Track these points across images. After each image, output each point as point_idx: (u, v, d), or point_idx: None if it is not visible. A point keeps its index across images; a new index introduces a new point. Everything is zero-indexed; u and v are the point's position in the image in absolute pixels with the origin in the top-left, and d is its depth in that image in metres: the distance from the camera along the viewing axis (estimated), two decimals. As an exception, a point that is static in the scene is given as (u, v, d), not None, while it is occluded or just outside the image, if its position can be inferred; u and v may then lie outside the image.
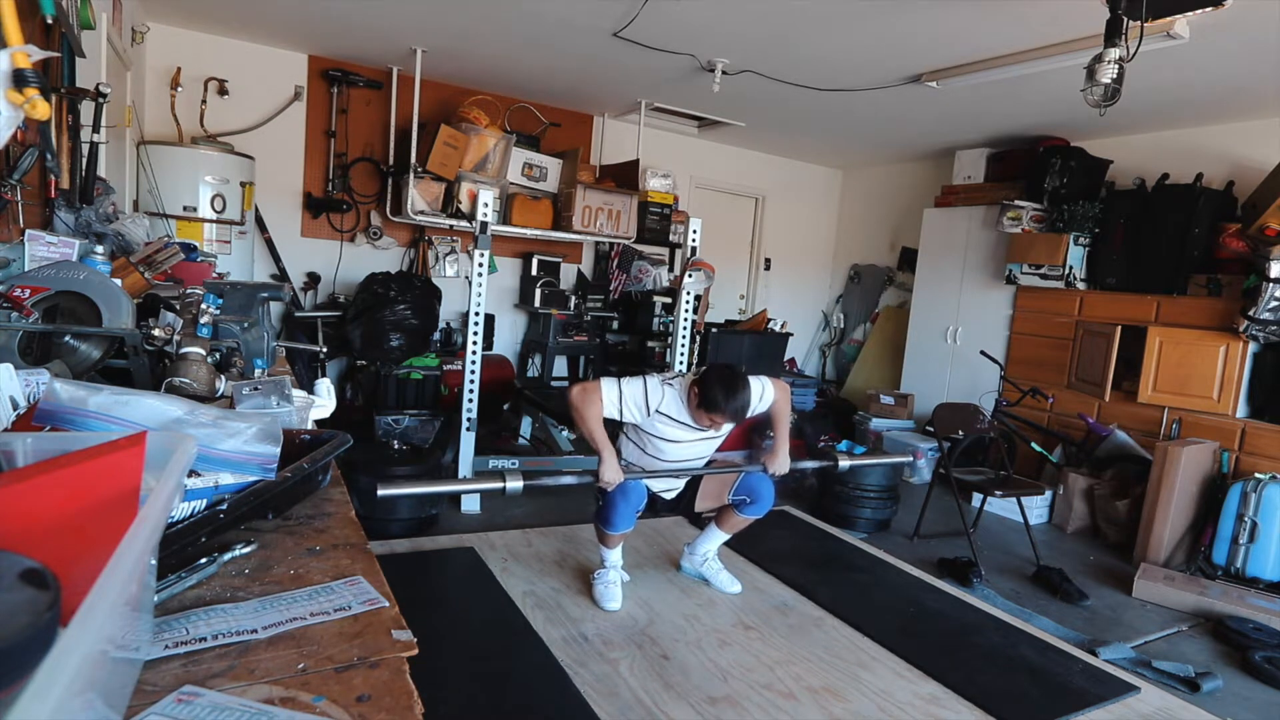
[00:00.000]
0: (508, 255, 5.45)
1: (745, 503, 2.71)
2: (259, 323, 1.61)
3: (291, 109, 4.70)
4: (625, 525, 2.59)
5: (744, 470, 2.72)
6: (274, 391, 1.19)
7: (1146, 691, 2.41)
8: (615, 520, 2.57)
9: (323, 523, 0.96)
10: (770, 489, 2.69)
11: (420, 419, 4.55)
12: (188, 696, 0.59)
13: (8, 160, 1.77)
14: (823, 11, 3.29)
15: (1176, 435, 4.15)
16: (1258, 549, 3.49)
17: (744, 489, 2.69)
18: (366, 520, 1.69)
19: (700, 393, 2.43)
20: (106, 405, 0.86)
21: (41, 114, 1.13)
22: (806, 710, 2.15)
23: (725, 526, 2.82)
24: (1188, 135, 4.59)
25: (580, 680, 2.19)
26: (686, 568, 2.97)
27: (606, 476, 2.46)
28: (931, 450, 4.97)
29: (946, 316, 5.58)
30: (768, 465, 2.66)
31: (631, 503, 2.55)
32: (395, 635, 0.71)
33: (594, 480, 2.49)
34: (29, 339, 1.34)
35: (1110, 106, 2.77)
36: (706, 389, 2.41)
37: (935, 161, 6.16)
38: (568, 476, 2.58)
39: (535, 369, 5.42)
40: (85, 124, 2.38)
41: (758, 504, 2.69)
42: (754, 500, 2.69)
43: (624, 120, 5.69)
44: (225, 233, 4.07)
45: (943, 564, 3.54)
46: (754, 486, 2.67)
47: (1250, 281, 3.78)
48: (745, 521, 2.76)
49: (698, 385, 2.45)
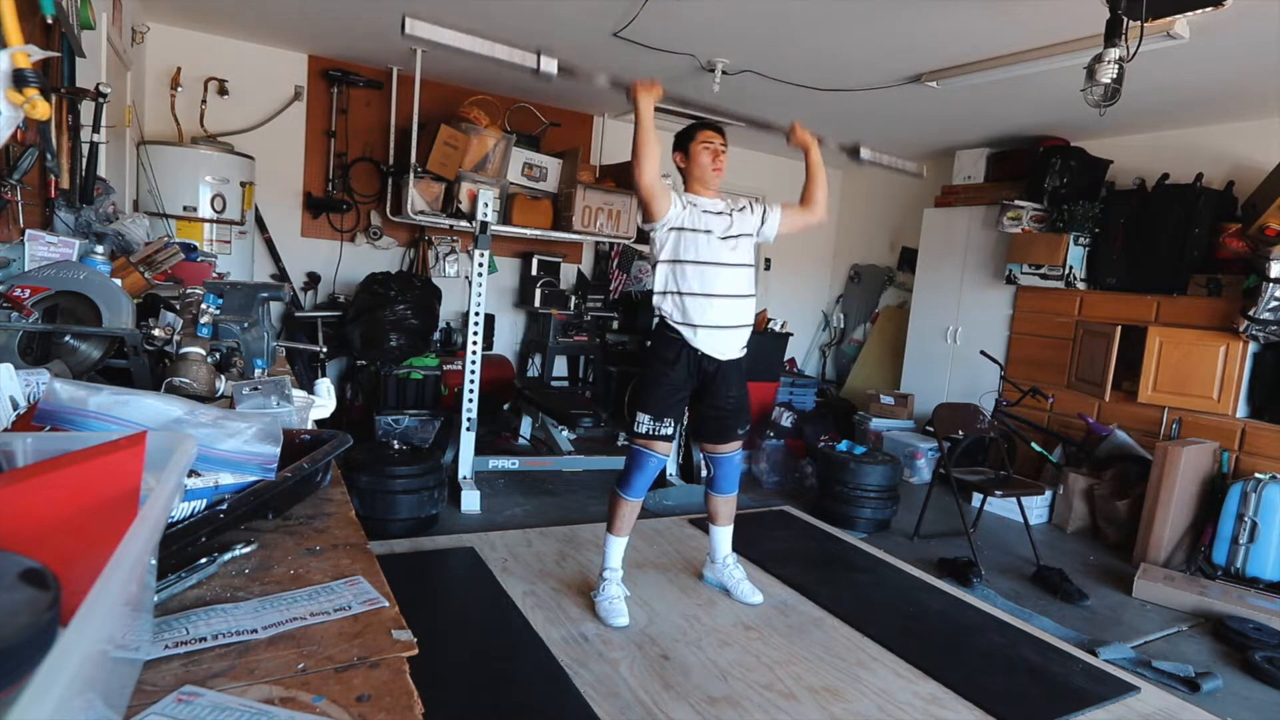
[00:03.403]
0: (508, 255, 5.45)
1: (710, 479, 2.79)
2: (259, 323, 1.61)
3: (291, 109, 4.70)
4: (642, 492, 2.64)
5: (769, 124, 2.80)
6: (274, 391, 1.19)
7: (1146, 691, 2.42)
8: (635, 483, 2.61)
9: (323, 523, 0.96)
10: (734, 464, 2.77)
11: (420, 419, 4.56)
12: (188, 696, 0.59)
13: (8, 160, 1.77)
14: (823, 11, 3.29)
15: (1176, 435, 4.15)
16: (1258, 549, 3.49)
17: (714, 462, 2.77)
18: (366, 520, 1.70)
19: (683, 134, 2.60)
20: (106, 405, 0.85)
21: (41, 114, 1.13)
22: (806, 710, 2.15)
23: (717, 519, 2.85)
24: (1188, 135, 4.59)
25: (580, 680, 2.20)
26: (709, 577, 2.97)
27: (642, 85, 2.45)
28: (931, 450, 4.97)
29: (946, 316, 5.58)
30: (794, 131, 2.70)
31: (652, 470, 2.62)
32: (395, 635, 0.71)
33: (627, 96, 2.48)
34: (29, 339, 1.34)
35: (1110, 106, 2.77)
36: (682, 134, 2.61)
37: (935, 161, 6.15)
38: (601, 76, 2.54)
39: (535, 369, 5.42)
40: (85, 124, 2.37)
41: (719, 478, 2.77)
42: (716, 474, 2.77)
43: (624, 120, 5.68)
44: (225, 233, 4.07)
45: (943, 564, 3.54)
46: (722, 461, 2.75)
47: (1250, 281, 3.78)
48: (723, 501, 2.81)
49: (678, 149, 2.62)
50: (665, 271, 2.58)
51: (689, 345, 2.56)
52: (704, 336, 2.55)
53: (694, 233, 2.53)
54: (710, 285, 2.53)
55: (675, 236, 2.55)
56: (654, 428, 2.58)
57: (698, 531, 3.54)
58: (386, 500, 3.24)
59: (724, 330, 2.57)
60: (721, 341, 2.58)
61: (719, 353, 2.58)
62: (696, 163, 2.57)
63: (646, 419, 2.58)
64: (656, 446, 2.60)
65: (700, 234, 2.53)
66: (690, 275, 2.53)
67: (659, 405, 2.58)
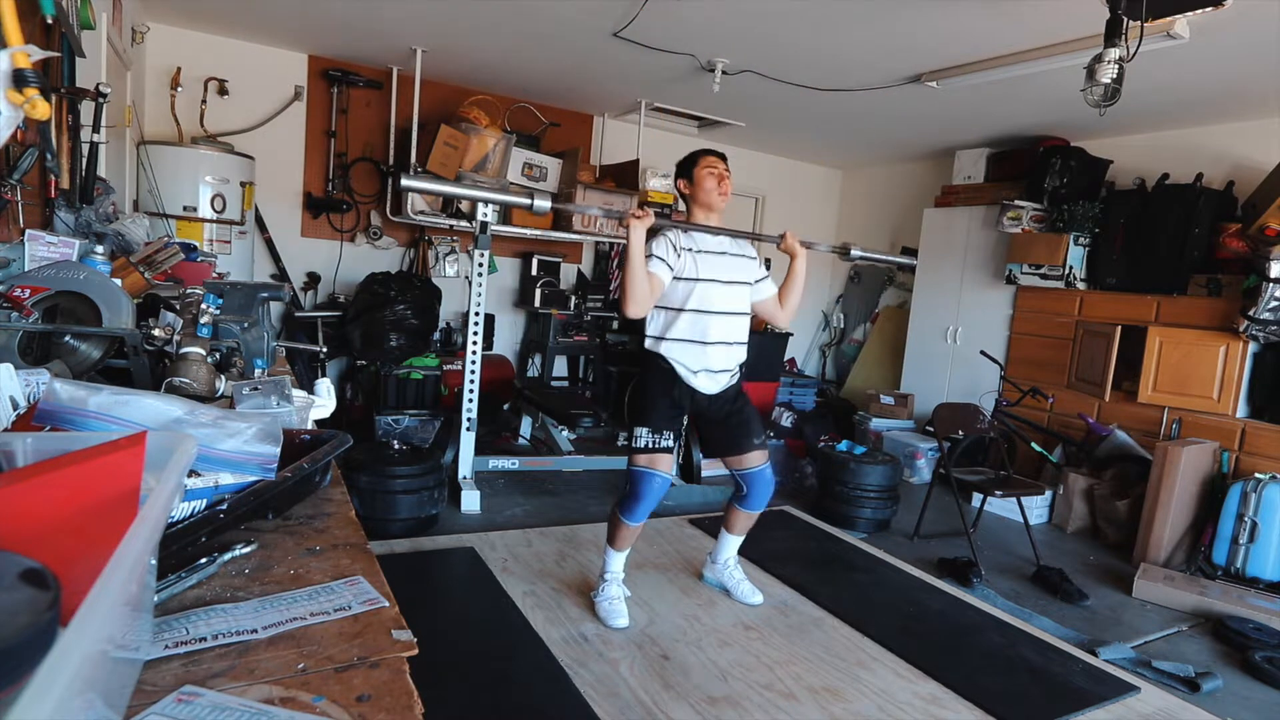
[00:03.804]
0: (508, 255, 5.45)
1: (742, 495, 2.71)
2: (259, 323, 1.61)
3: (291, 109, 4.70)
4: (644, 517, 2.59)
5: (759, 237, 2.83)
6: (274, 391, 1.19)
7: (1146, 691, 2.42)
8: (638, 510, 2.54)
9: (323, 523, 0.96)
10: (766, 480, 2.68)
11: (420, 419, 4.56)
12: (188, 696, 0.59)
13: (8, 160, 1.77)
14: (823, 11, 3.29)
15: (1176, 435, 4.15)
16: (1258, 549, 3.49)
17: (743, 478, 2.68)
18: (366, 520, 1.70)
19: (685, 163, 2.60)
20: (106, 405, 0.85)
21: (41, 114, 1.13)
22: (806, 710, 2.15)
23: (734, 529, 2.81)
24: (1188, 135, 4.59)
25: (580, 680, 2.20)
26: (709, 577, 2.96)
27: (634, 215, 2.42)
28: (931, 450, 4.97)
29: (946, 316, 5.58)
30: (785, 238, 2.69)
31: (656, 492, 2.54)
32: (395, 635, 0.71)
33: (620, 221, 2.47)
34: (29, 339, 1.34)
35: (1110, 106, 2.77)
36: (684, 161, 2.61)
37: (935, 161, 6.16)
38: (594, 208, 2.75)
39: (535, 369, 5.42)
40: (85, 124, 2.38)
41: (751, 496, 2.69)
42: (748, 491, 2.69)
43: (624, 120, 5.69)
44: (225, 233, 4.07)
45: (943, 564, 3.54)
46: (752, 478, 2.67)
47: (1250, 281, 3.78)
48: (747, 517, 2.75)
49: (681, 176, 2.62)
50: (660, 317, 2.56)
51: (680, 380, 2.55)
52: (698, 379, 2.56)
53: (692, 281, 2.51)
54: (706, 333, 2.53)
55: (672, 284, 2.53)
56: (653, 440, 2.54)
57: (698, 531, 3.54)
58: (386, 500, 3.24)
59: (717, 374, 2.58)
60: (715, 383, 2.59)
61: (712, 390, 2.59)
62: (701, 187, 2.54)
63: (645, 432, 2.55)
64: (659, 463, 2.53)
65: (699, 282, 2.51)
66: (685, 321, 2.52)
67: (657, 419, 2.55)
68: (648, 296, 2.42)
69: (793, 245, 2.67)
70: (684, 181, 2.60)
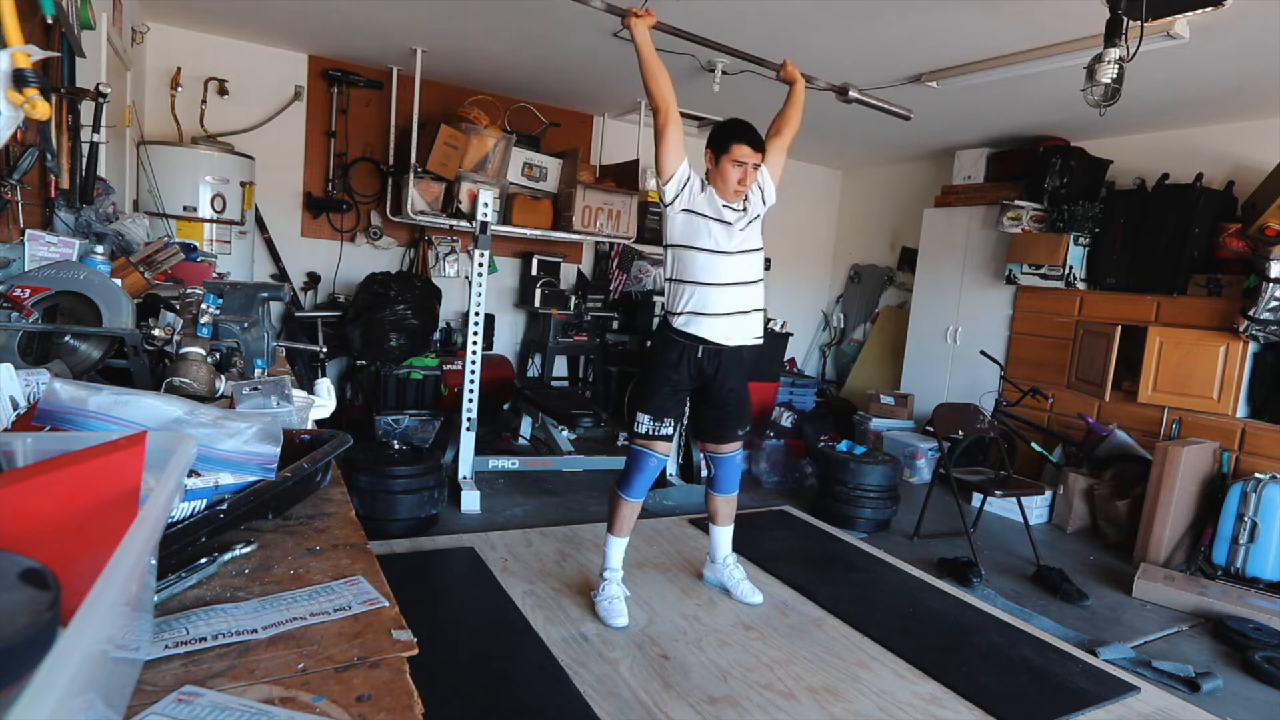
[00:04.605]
0: (508, 255, 5.45)
1: (711, 479, 2.81)
2: (259, 323, 1.61)
3: (291, 109, 4.70)
4: (642, 493, 2.65)
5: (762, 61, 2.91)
6: (274, 391, 1.19)
7: (1146, 691, 2.42)
8: (635, 484, 2.62)
9: (323, 523, 0.96)
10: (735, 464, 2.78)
11: (420, 419, 4.55)
12: (188, 696, 0.59)
13: (8, 160, 1.77)
14: (823, 11, 3.29)
15: (1176, 435, 4.15)
16: (1258, 549, 3.49)
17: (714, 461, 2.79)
18: (366, 520, 1.70)
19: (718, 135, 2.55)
20: (106, 405, 0.85)
21: (41, 114, 1.13)
22: (806, 710, 2.15)
23: (717, 518, 2.86)
24: (1188, 135, 4.58)
25: (580, 680, 2.20)
26: (709, 577, 2.97)
27: (634, 13, 2.47)
28: (931, 450, 4.97)
29: (946, 316, 5.58)
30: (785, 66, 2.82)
31: (653, 470, 2.63)
32: (395, 635, 0.71)
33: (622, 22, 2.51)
34: (29, 339, 1.34)
35: (1110, 106, 2.77)
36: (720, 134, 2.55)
37: (935, 161, 6.16)
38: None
39: (535, 369, 5.42)
40: (85, 124, 2.37)
41: (719, 478, 2.78)
42: (716, 473, 2.78)
43: (624, 120, 5.68)
44: (225, 233, 4.07)
45: (943, 564, 3.54)
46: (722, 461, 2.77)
47: (1250, 281, 3.78)
48: (724, 501, 2.82)
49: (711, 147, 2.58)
50: (675, 257, 2.57)
51: (691, 345, 2.56)
52: (712, 325, 2.53)
53: (705, 219, 2.52)
54: (720, 274, 2.53)
55: (686, 220, 2.53)
56: (654, 428, 2.60)
57: (698, 531, 3.54)
58: (386, 500, 3.25)
59: (733, 317, 2.56)
60: (731, 328, 2.56)
61: (727, 339, 2.56)
62: (722, 175, 2.53)
63: (646, 419, 2.60)
64: (657, 446, 2.62)
65: (713, 221, 2.53)
66: (700, 262, 2.52)
67: (659, 405, 2.60)
68: (669, 82, 2.46)
69: (793, 72, 2.84)
70: (710, 155, 2.59)
